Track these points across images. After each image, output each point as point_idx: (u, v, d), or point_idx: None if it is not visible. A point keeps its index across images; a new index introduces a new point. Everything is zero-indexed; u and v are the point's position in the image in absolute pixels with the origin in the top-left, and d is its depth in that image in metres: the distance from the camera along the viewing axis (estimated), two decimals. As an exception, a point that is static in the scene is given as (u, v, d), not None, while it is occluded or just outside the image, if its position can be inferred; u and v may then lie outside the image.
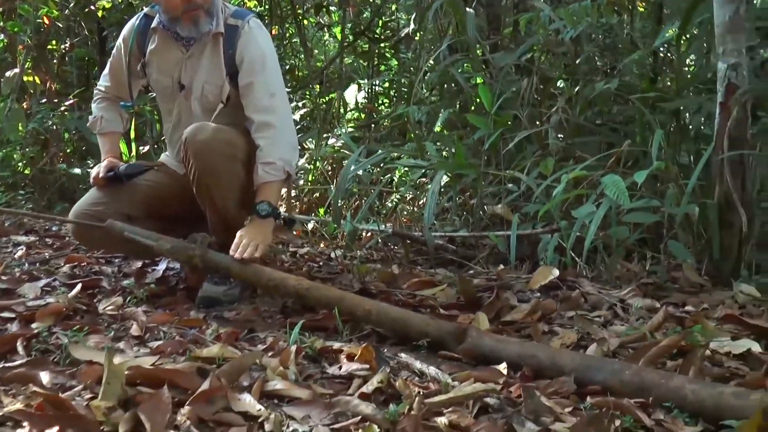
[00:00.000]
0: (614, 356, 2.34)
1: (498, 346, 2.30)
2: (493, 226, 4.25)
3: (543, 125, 4.49)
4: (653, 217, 3.38)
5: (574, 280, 3.26)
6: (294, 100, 7.35)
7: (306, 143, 6.48)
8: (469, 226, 4.38)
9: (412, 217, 5.08)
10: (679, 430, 1.78)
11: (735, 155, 3.32)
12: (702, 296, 3.14)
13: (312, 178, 5.95)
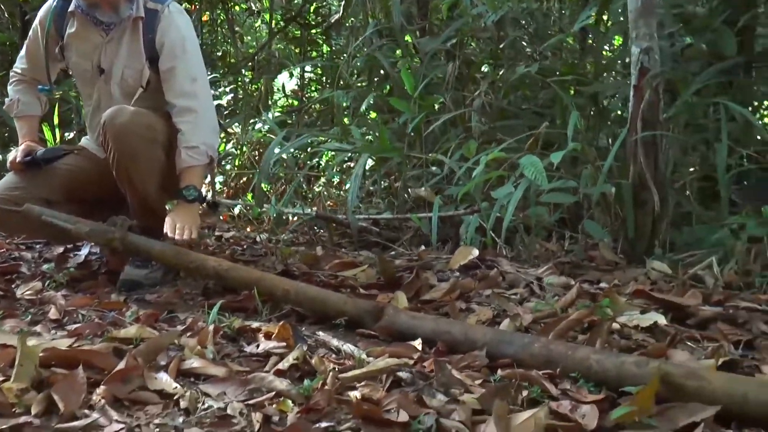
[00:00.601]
0: (527, 331, 2.40)
1: (413, 323, 2.35)
2: (417, 208, 4.31)
3: (467, 109, 4.54)
4: (570, 197, 3.46)
5: (493, 259, 3.32)
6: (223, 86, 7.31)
7: (232, 128, 6.45)
8: (394, 208, 4.43)
9: (338, 200, 5.11)
10: (583, 398, 1.84)
11: (648, 136, 3.42)
12: (616, 273, 3.23)
13: (239, 163, 5.93)
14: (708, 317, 2.58)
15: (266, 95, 7.60)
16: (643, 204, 3.46)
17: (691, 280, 3.12)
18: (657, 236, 3.53)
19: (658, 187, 3.38)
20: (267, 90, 7.62)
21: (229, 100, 7.07)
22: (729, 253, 3.26)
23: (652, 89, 3.42)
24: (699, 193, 4.04)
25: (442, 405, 1.77)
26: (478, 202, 3.69)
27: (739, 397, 1.73)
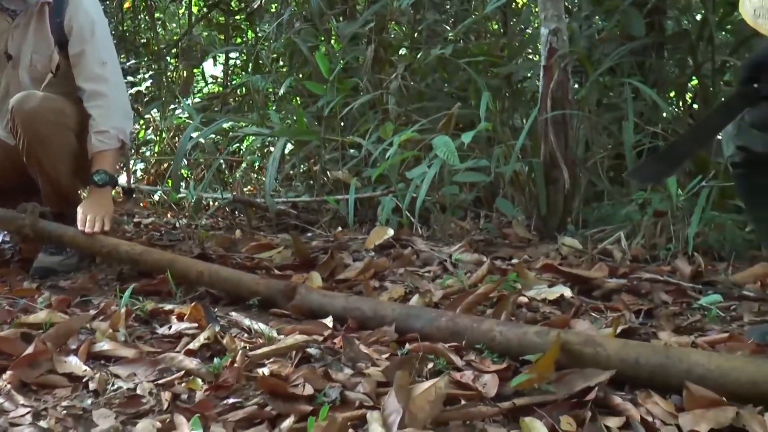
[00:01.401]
0: (437, 306, 2.45)
1: (325, 301, 2.38)
2: (336, 191, 4.34)
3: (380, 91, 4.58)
4: (483, 176, 3.53)
5: (408, 238, 3.37)
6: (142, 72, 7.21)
7: (151, 114, 6.38)
8: (313, 191, 4.45)
9: (258, 184, 5.11)
10: (486, 368, 1.89)
11: (558, 116, 3.50)
12: (528, 250, 3.31)
13: (158, 149, 5.88)
14: (612, 289, 2.67)
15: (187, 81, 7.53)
16: (555, 182, 3.55)
17: (601, 254, 3.22)
18: (569, 213, 3.63)
19: (568, 165, 3.47)
20: (188, 76, 7.54)
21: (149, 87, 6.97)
22: (636, 228, 3.37)
23: (561, 69, 3.50)
24: (610, 171, 4.15)
25: (347, 378, 1.81)
26: (393, 183, 3.73)
27: (632, 362, 1.81)
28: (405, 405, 1.56)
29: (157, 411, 1.71)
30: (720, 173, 3.24)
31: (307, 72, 5.50)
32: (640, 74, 4.68)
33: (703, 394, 1.67)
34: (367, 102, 4.59)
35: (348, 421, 1.57)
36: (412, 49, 5.07)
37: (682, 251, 3.09)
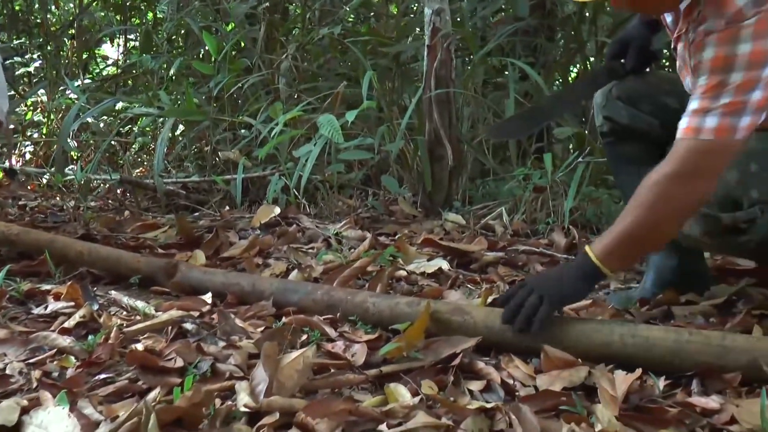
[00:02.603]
0: (316, 281, 2.49)
1: (205, 278, 2.40)
2: (227, 171, 4.33)
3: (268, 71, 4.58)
4: (367, 154, 3.58)
5: (294, 216, 3.40)
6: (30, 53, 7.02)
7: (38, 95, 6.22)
8: (206, 172, 4.43)
9: (150, 165, 5.05)
10: (358, 338, 1.94)
11: (441, 94, 3.57)
12: (413, 226, 3.38)
13: (46, 131, 5.75)
14: (490, 262, 2.76)
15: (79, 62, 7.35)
16: (440, 159, 3.62)
17: (484, 229, 3.31)
18: (454, 189, 3.71)
19: (452, 143, 3.55)
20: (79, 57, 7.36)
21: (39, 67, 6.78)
22: (518, 203, 3.47)
23: (444, 49, 3.57)
24: (496, 149, 4.26)
25: (219, 351, 1.84)
26: (282, 162, 3.75)
27: (497, 328, 1.88)
28: (272, 374, 1.60)
29: (26, 390, 1.70)
30: (596, 150, 3.36)
31: (200, 52, 5.46)
32: (532, 55, 4.81)
33: (559, 356, 1.76)
34: (260, 82, 4.59)
35: (216, 392, 1.59)
36: (304, 30, 5.07)
37: (560, 225, 3.20)
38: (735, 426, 1.48)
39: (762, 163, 1.92)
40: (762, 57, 1.71)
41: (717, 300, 2.26)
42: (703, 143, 1.77)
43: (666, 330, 1.81)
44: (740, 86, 1.73)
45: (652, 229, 1.85)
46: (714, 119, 1.76)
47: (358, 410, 1.52)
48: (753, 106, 1.74)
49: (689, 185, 1.80)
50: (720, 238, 1.96)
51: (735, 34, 1.73)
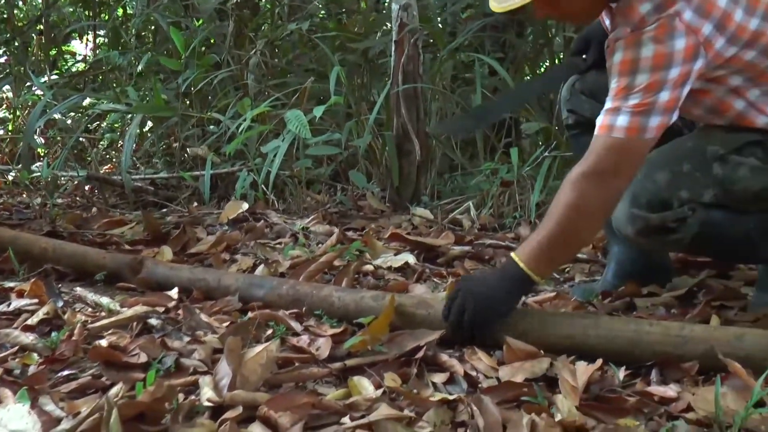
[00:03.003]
0: (282, 276, 2.49)
1: (171, 273, 2.40)
2: (196, 167, 4.31)
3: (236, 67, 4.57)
4: (334, 149, 3.59)
5: (262, 212, 3.40)
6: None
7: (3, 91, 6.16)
8: (175, 168, 4.41)
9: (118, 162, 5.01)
10: (323, 332, 1.95)
11: (409, 89, 3.58)
12: (381, 221, 3.39)
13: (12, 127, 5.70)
14: (457, 255, 2.78)
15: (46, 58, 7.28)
16: (408, 154, 3.63)
17: (451, 224, 3.33)
18: (422, 184, 3.73)
19: (420, 138, 3.57)
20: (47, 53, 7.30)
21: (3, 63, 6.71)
22: (485, 197, 3.49)
23: (411, 44, 3.58)
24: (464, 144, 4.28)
25: (183, 346, 1.84)
26: (250, 158, 3.75)
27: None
28: (236, 368, 1.60)
29: (-14, 388, 1.69)
30: (562, 144, 3.39)
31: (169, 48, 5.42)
32: (501, 51, 4.84)
33: (521, 348, 1.78)
34: (229, 78, 4.58)
35: (179, 387, 1.60)
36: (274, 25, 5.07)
37: (526, 219, 3.23)
38: (691, 414, 1.51)
39: (693, 163, 1.98)
40: (664, 60, 1.80)
41: (678, 291, 2.30)
42: (616, 141, 1.84)
43: (626, 321, 1.84)
44: (647, 87, 1.81)
45: (574, 229, 1.89)
46: (625, 118, 1.83)
47: (321, 403, 1.53)
48: (661, 107, 1.82)
49: (604, 183, 1.86)
50: (652, 238, 2.01)
51: (638, 38, 1.82)
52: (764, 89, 1.95)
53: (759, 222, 2.03)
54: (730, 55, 1.87)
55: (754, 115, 1.97)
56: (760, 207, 2.02)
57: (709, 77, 1.93)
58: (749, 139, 1.98)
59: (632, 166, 1.88)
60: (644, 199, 1.97)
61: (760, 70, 1.92)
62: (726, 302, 2.20)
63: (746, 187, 1.97)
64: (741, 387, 1.55)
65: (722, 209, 1.99)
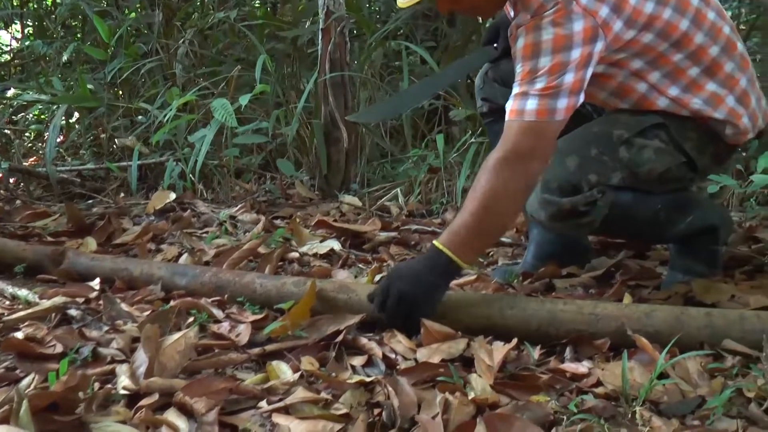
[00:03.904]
0: (207, 264, 2.49)
1: (93, 264, 2.38)
2: (125, 158, 4.26)
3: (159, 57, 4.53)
4: (261, 137, 3.58)
5: (190, 201, 3.38)
6: None
7: None
8: (103, 160, 4.35)
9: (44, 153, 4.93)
10: (244, 319, 1.95)
11: (336, 77, 3.59)
12: (310, 209, 3.40)
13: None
14: (382, 241, 2.80)
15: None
16: (336, 142, 3.65)
17: (380, 210, 3.35)
18: (351, 172, 3.74)
19: (347, 126, 3.58)
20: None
21: None
22: (413, 184, 3.52)
23: (338, 32, 3.59)
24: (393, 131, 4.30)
25: (102, 335, 1.83)
26: (178, 148, 3.72)
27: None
28: (153, 356, 1.60)
29: None
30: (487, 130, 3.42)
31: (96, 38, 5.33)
32: (433, 39, 4.87)
33: (438, 330, 1.80)
34: (158, 68, 4.53)
35: (95, 376, 1.58)
36: (203, 14, 5.02)
37: (453, 204, 3.26)
38: (600, 388, 1.55)
39: (601, 147, 2.03)
40: (564, 42, 1.85)
41: (596, 272, 2.35)
42: (528, 124, 1.88)
43: (542, 301, 1.87)
44: (550, 70, 1.86)
45: (494, 213, 1.90)
46: (534, 102, 1.87)
47: (239, 388, 1.53)
48: (567, 89, 1.86)
49: (521, 167, 1.88)
50: (564, 222, 2.06)
51: (538, 23, 1.87)
52: (664, 72, 2.02)
53: (666, 202, 2.11)
54: (628, 38, 1.93)
55: (656, 97, 2.04)
56: (666, 188, 2.10)
57: (611, 61, 1.99)
58: (652, 122, 2.05)
59: (546, 148, 1.92)
60: (555, 185, 2.01)
61: (658, 52, 1.98)
62: (641, 281, 2.26)
63: (651, 169, 2.04)
64: (648, 361, 1.60)
65: (630, 191, 2.05)
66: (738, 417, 1.40)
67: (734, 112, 2.05)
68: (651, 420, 1.38)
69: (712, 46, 2.01)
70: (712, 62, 2.02)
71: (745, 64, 2.09)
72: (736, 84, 2.05)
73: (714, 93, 2.03)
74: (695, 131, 2.08)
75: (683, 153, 2.08)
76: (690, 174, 2.14)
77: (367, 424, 1.42)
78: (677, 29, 1.96)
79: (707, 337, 1.69)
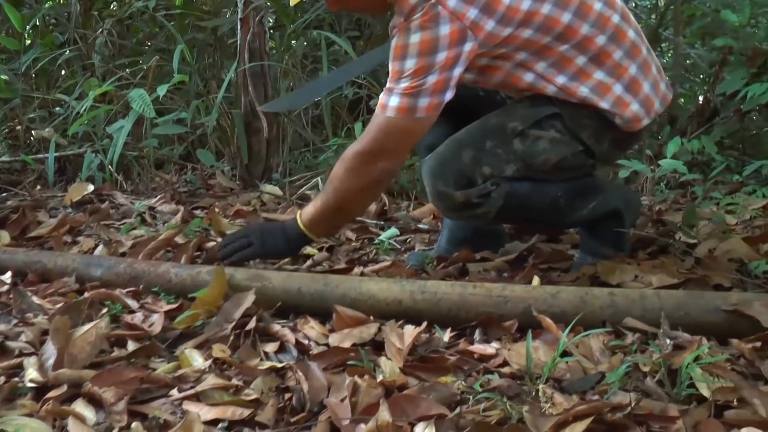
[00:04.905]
0: (123, 255, 2.47)
1: (5, 257, 2.34)
2: (43, 150, 4.19)
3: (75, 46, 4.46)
4: (180, 128, 3.56)
5: (108, 193, 3.34)
6: None
7: None
8: (19, 152, 4.27)
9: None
10: (158, 309, 1.95)
11: (256, 67, 3.58)
12: (230, 199, 3.39)
13: None
14: (302, 230, 2.80)
15: None
16: (257, 132, 3.64)
17: (301, 199, 3.36)
18: (273, 162, 3.74)
19: (267, 115, 3.57)
20: None
21: None
22: (333, 172, 3.53)
23: (257, 21, 3.58)
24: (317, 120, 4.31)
25: (10, 328, 1.81)
26: (96, 139, 3.68)
27: (295, 291, 1.94)
28: (62, 347, 1.59)
29: None
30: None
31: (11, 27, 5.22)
32: (357, 29, 4.88)
33: (350, 315, 1.83)
34: (76, 58, 4.46)
35: (1, 370, 1.57)
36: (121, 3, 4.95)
37: (374, 193, 3.28)
38: (506, 368, 1.59)
39: (495, 139, 2.08)
40: (430, 45, 1.92)
41: (509, 256, 2.39)
42: (389, 120, 1.99)
43: (452, 285, 1.90)
44: (415, 72, 1.94)
45: (345, 200, 2.12)
46: (396, 99, 1.97)
47: (149, 377, 1.54)
48: (429, 89, 1.95)
49: (372, 163, 2.05)
50: (459, 213, 2.12)
51: (408, 26, 1.94)
52: (550, 61, 2.06)
53: (566, 189, 2.16)
54: (506, 35, 1.98)
55: (544, 85, 2.08)
56: (565, 175, 2.15)
57: (494, 55, 2.04)
58: (548, 112, 2.09)
59: (402, 144, 2.07)
60: (450, 177, 2.05)
61: (542, 45, 2.03)
62: (553, 264, 2.31)
63: (546, 159, 2.09)
64: (552, 340, 1.65)
65: (528, 181, 2.10)
66: (634, 390, 1.45)
67: (621, 101, 2.09)
68: (553, 396, 1.42)
69: (599, 35, 2.06)
70: (599, 51, 2.07)
71: (636, 51, 2.13)
72: (624, 72, 2.10)
73: (601, 81, 2.07)
74: (591, 119, 2.12)
75: (580, 142, 2.12)
76: (590, 161, 2.18)
77: (276, 408, 1.44)
78: (559, 23, 2.01)
79: (610, 316, 1.75)
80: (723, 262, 2.18)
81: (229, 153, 3.77)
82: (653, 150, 3.72)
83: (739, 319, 1.67)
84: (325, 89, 2.84)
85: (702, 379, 1.41)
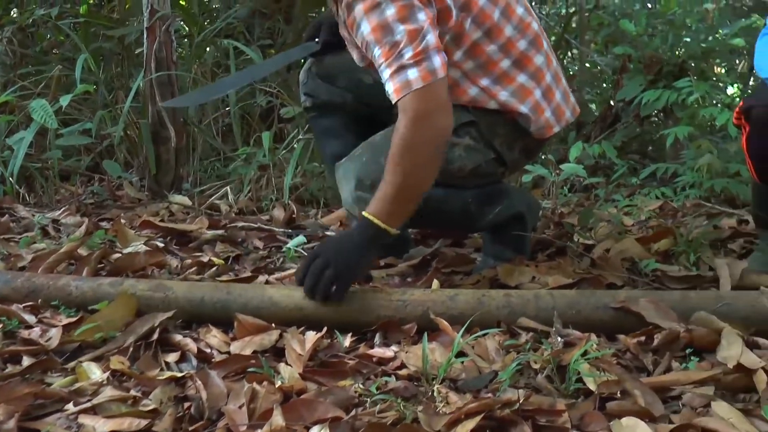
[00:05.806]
0: (23, 269, 2.42)
1: None
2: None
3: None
4: (85, 139, 3.51)
5: (9, 206, 3.27)
6: None
7: None
8: None
9: None
10: (57, 323, 1.91)
11: (163, 76, 3.55)
12: (139, 209, 3.35)
13: None
14: (209, 239, 2.79)
15: None
16: (165, 141, 3.60)
17: (210, 209, 3.34)
18: (182, 171, 3.71)
19: (175, 125, 3.55)
20: None
21: None
22: (243, 182, 3.53)
23: (163, 30, 3.55)
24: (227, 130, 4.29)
25: None
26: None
27: (198, 300, 1.94)
28: (-51, 365, 1.56)
29: None
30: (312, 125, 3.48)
31: None
32: (270, 38, 4.88)
33: (251, 323, 1.84)
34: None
35: None
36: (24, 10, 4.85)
37: (282, 201, 3.29)
38: (404, 370, 1.62)
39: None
40: (407, 10, 1.88)
41: (414, 261, 2.43)
42: (417, 92, 1.87)
43: (353, 291, 1.92)
44: (409, 38, 1.87)
45: (413, 178, 1.91)
46: (414, 70, 1.87)
47: (44, 392, 1.52)
48: (433, 48, 1.89)
49: (427, 124, 1.89)
50: None
51: (375, 3, 1.89)
52: (478, 63, 2.10)
53: (475, 195, 2.21)
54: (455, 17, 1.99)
55: (468, 85, 2.12)
56: (477, 182, 2.20)
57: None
58: (463, 120, 2.12)
59: (443, 105, 1.92)
60: (368, 182, 2.07)
61: (473, 41, 2.06)
62: (456, 268, 2.36)
63: (461, 166, 2.13)
64: (449, 342, 1.68)
65: (442, 186, 2.09)
66: (525, 387, 1.50)
67: (539, 106, 2.15)
68: (448, 396, 1.45)
69: (521, 39, 2.11)
70: (521, 55, 2.12)
71: (549, 61, 2.21)
72: (543, 78, 2.16)
73: (522, 85, 2.13)
74: (504, 127, 2.17)
75: (493, 149, 2.17)
76: (500, 168, 2.23)
77: (174, 418, 1.44)
78: (490, 18, 2.05)
79: (506, 317, 1.80)
80: (616, 261, 2.26)
81: (138, 163, 3.72)
82: (558, 155, 3.81)
83: (626, 315, 1.74)
84: (229, 88, 2.83)
85: (589, 373, 1.47)
